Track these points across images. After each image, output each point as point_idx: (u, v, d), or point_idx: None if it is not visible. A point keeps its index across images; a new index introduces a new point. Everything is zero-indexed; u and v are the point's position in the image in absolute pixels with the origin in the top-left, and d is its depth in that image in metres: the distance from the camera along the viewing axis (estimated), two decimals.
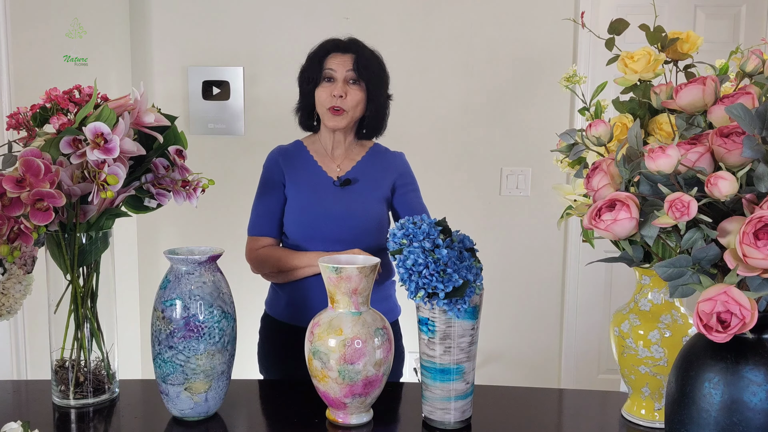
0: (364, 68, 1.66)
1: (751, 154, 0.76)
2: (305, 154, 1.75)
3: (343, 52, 1.68)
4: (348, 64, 1.66)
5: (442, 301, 1.11)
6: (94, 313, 1.30)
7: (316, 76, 1.68)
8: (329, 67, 1.67)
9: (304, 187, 1.69)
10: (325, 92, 1.66)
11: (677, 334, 1.16)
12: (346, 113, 1.66)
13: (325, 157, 1.74)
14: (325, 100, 1.66)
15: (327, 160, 1.74)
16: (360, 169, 1.73)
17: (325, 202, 1.67)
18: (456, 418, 1.21)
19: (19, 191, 1.05)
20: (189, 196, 1.31)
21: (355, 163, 1.74)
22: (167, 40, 2.92)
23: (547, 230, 2.97)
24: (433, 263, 1.08)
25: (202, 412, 1.24)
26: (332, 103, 1.65)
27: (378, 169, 1.74)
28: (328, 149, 1.74)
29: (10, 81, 2.06)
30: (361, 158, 1.75)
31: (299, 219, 1.67)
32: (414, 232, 1.11)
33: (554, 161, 1.24)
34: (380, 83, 1.71)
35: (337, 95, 1.64)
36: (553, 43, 2.89)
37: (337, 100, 1.64)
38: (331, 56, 1.68)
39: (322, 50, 1.70)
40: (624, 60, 1.13)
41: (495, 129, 2.94)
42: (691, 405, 0.82)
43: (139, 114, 1.24)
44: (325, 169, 1.72)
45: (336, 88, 1.64)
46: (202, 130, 2.94)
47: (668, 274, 0.79)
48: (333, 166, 1.73)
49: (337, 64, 1.66)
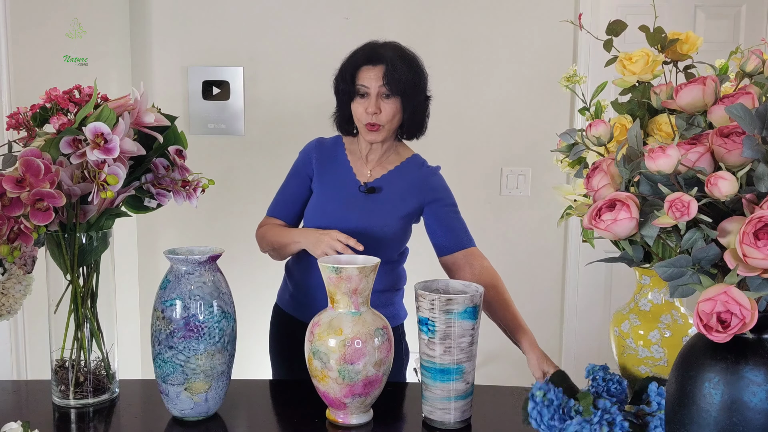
0: (395, 81, 1.60)
1: (751, 154, 0.76)
2: (341, 152, 1.73)
3: (374, 64, 1.62)
4: (379, 78, 1.60)
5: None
6: (94, 313, 1.30)
7: (349, 90, 1.64)
8: (361, 83, 1.62)
9: (329, 188, 1.68)
10: (360, 108, 1.62)
11: (677, 334, 1.16)
12: (383, 128, 1.63)
13: (359, 159, 1.72)
14: (361, 116, 1.63)
15: (360, 163, 1.71)
16: (389, 179, 1.69)
17: (345, 208, 1.65)
18: (456, 418, 1.21)
19: (19, 191, 1.05)
20: (189, 196, 1.31)
21: (386, 172, 1.70)
22: (167, 40, 2.92)
23: (547, 230, 2.96)
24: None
25: (202, 412, 1.24)
26: (368, 119, 1.61)
27: (407, 184, 1.69)
28: (363, 153, 1.72)
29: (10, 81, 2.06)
30: (393, 167, 1.71)
31: (317, 220, 1.66)
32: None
33: (554, 161, 1.24)
34: (415, 90, 1.64)
35: (371, 112, 1.60)
36: (553, 43, 2.89)
37: (372, 117, 1.61)
38: (362, 70, 1.63)
39: (352, 64, 1.64)
40: (622, 61, 1.13)
41: (495, 129, 2.94)
42: (691, 405, 0.82)
43: (139, 114, 1.24)
44: (355, 171, 1.70)
45: (370, 105, 1.60)
46: (202, 130, 2.94)
47: (668, 274, 0.79)
48: (365, 170, 1.70)
49: (368, 79, 1.61)
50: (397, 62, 1.61)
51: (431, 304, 1.17)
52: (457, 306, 1.16)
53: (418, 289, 1.22)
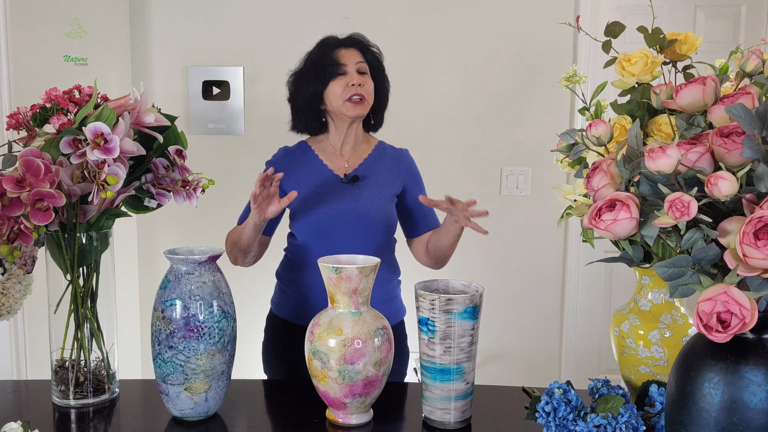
0: (370, 58, 1.71)
1: (751, 154, 0.76)
2: (310, 153, 1.74)
3: (347, 47, 1.70)
4: (356, 56, 1.69)
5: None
6: (94, 313, 1.30)
7: (331, 70, 1.67)
8: (340, 61, 1.67)
9: (310, 187, 1.69)
10: (339, 86, 1.66)
11: (677, 334, 1.16)
12: (366, 100, 1.68)
13: (332, 154, 1.74)
14: (342, 93, 1.65)
15: (334, 158, 1.73)
16: (368, 166, 1.72)
17: (333, 199, 1.66)
18: (456, 418, 1.21)
19: (19, 191, 1.05)
20: (189, 196, 1.31)
21: (363, 161, 1.74)
22: (167, 40, 2.92)
23: (547, 230, 2.96)
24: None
25: (202, 412, 1.24)
26: (351, 92, 1.65)
27: (387, 167, 1.74)
28: (337, 146, 1.74)
29: (10, 81, 2.06)
30: (368, 155, 1.75)
31: (306, 219, 1.66)
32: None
33: (554, 161, 1.24)
34: (384, 75, 1.76)
35: (355, 84, 1.65)
36: (553, 42, 2.89)
37: (357, 88, 1.65)
38: (337, 51, 1.69)
39: (327, 47, 1.70)
40: (621, 63, 1.13)
41: (495, 129, 2.94)
42: (691, 405, 0.82)
43: (139, 114, 1.24)
44: (331, 167, 1.72)
45: (352, 79, 1.66)
46: (202, 130, 2.94)
47: (668, 274, 0.79)
48: (341, 163, 1.73)
49: (345, 57, 1.68)
50: (369, 45, 1.74)
51: (431, 304, 1.17)
52: (457, 306, 1.16)
53: (418, 289, 1.22)
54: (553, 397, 1.05)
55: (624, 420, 1.01)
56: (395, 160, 1.77)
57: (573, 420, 1.03)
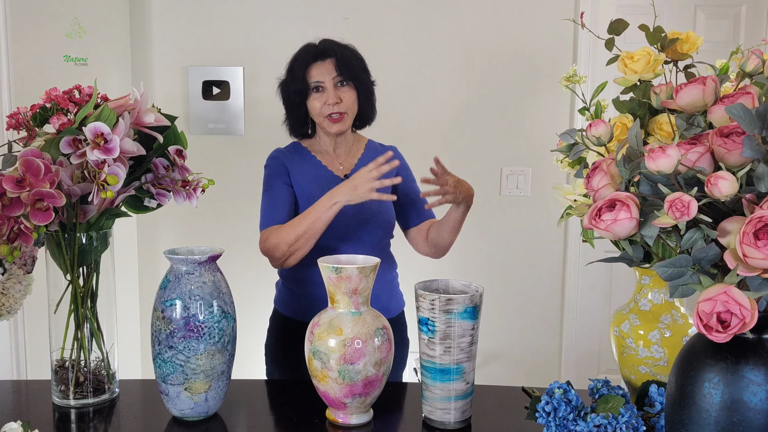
0: (347, 68, 1.66)
1: (751, 154, 0.76)
2: (307, 153, 1.75)
3: (323, 59, 1.67)
4: (332, 70, 1.65)
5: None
6: (94, 313, 1.30)
7: (304, 89, 1.67)
8: (315, 79, 1.66)
9: (312, 184, 1.69)
10: (317, 103, 1.66)
11: (677, 334, 1.16)
12: (346, 115, 1.67)
13: (327, 156, 1.75)
14: (321, 110, 1.66)
15: (330, 159, 1.75)
16: (363, 165, 1.72)
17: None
18: (456, 418, 1.21)
19: (19, 191, 1.05)
20: (189, 196, 1.31)
21: (357, 161, 1.76)
22: (167, 40, 2.92)
23: (547, 230, 2.97)
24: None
25: (202, 412, 1.24)
26: (329, 111, 1.65)
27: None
28: (329, 149, 1.75)
29: (10, 81, 2.06)
30: (361, 155, 1.77)
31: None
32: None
33: (554, 161, 1.24)
34: (364, 73, 1.71)
35: (332, 103, 1.64)
36: (553, 42, 2.89)
37: (333, 107, 1.64)
38: (312, 67, 1.67)
39: (301, 62, 1.68)
40: (624, 60, 1.13)
41: (495, 129, 2.94)
42: (691, 405, 0.82)
43: (139, 114, 1.24)
44: (330, 168, 1.73)
45: (329, 97, 1.64)
46: (202, 130, 2.94)
47: (668, 274, 0.79)
48: (336, 164, 1.75)
49: (321, 73, 1.65)
50: (343, 51, 1.68)
51: (431, 304, 1.17)
52: (457, 306, 1.16)
53: (418, 289, 1.22)
54: (553, 397, 1.05)
55: (624, 420, 1.01)
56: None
57: (573, 420, 1.03)
